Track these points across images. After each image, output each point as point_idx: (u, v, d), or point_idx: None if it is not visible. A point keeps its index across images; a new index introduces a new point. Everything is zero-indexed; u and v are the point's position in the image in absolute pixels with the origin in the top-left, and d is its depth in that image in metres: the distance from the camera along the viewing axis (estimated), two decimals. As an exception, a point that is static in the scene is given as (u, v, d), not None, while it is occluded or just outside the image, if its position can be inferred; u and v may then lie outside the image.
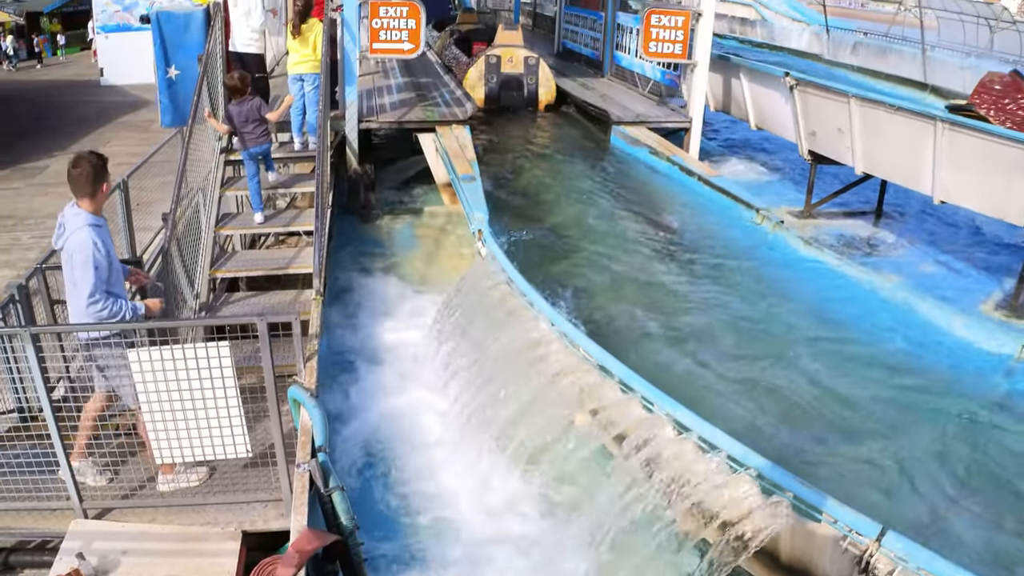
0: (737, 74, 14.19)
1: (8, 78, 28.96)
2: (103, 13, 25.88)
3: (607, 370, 5.45)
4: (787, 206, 12.91)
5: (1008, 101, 11.31)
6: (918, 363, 6.84)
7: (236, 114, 7.96)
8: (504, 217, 9.33)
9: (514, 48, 13.64)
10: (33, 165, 15.32)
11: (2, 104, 22.04)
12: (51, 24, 37.23)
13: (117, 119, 19.20)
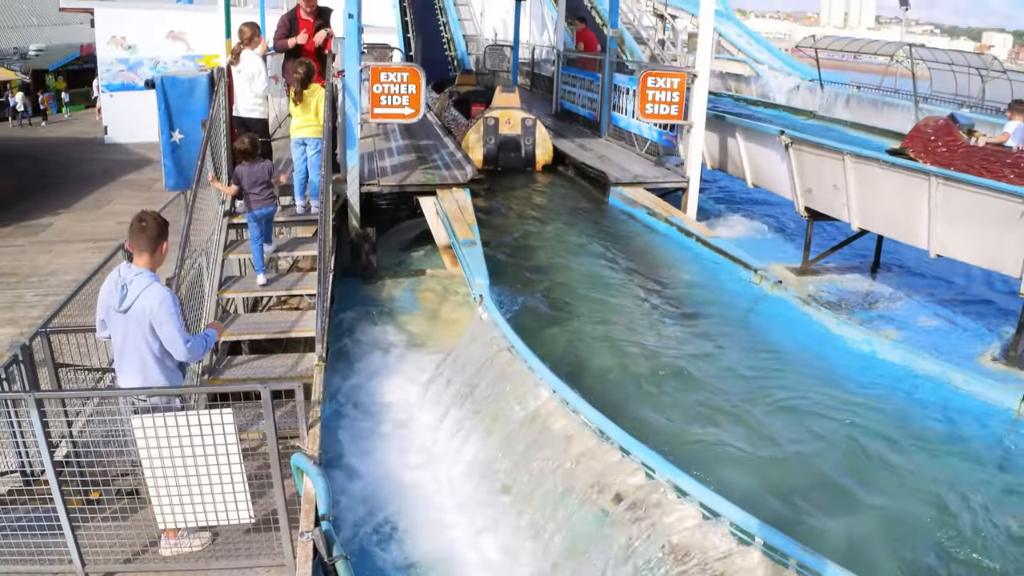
0: (733, 133, 14.38)
1: (14, 135, 29.36)
2: (108, 72, 26.35)
3: (607, 435, 5.49)
4: (785, 262, 13.02)
5: (940, 144, 11.61)
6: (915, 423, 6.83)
7: (246, 175, 8.09)
8: (505, 280, 9.37)
9: (511, 110, 13.83)
10: (37, 223, 15.47)
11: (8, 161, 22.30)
12: (56, 82, 37.82)
13: (120, 178, 19.43)
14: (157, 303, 5.04)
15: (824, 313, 8.64)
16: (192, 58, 26.51)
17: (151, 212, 5.38)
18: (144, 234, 5.14)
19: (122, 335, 5.12)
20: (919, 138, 11.98)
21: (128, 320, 5.06)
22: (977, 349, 9.88)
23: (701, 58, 12.05)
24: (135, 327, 5.06)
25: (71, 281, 10.46)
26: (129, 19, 26.51)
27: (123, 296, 5.05)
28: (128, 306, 5.04)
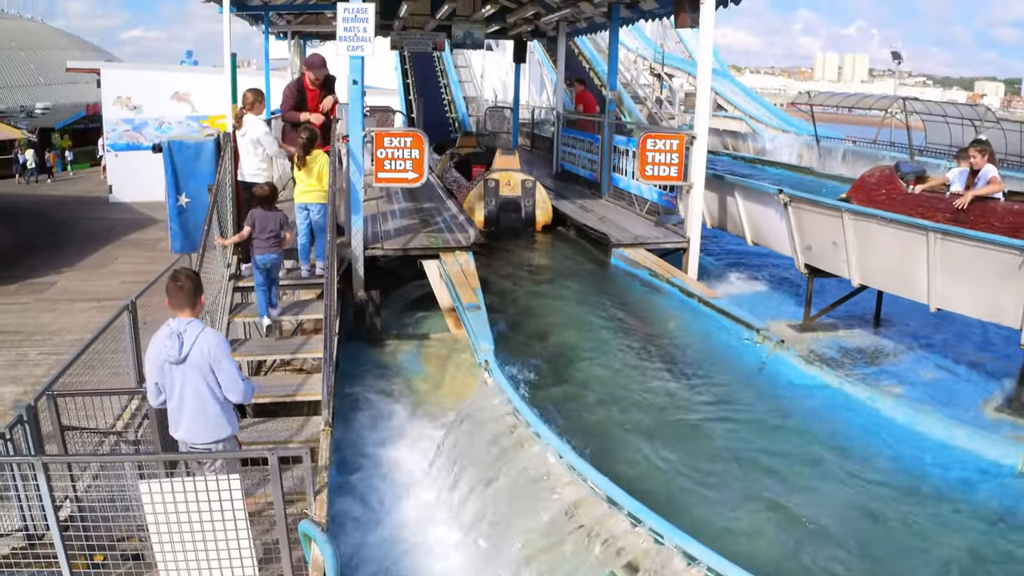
0: (732, 192, 14.53)
1: (21, 192, 29.68)
2: (113, 132, 26.70)
3: (615, 502, 5.50)
4: (787, 319, 13.06)
5: (881, 192, 12.18)
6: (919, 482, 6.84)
7: (259, 218, 8.37)
8: (510, 343, 9.44)
9: (511, 172, 14.10)
10: (42, 280, 15.56)
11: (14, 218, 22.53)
12: (62, 140, 38.30)
13: (125, 237, 19.58)
14: (214, 345, 5.46)
15: (827, 372, 8.68)
16: (196, 119, 26.90)
17: (184, 271, 5.84)
18: (182, 292, 5.56)
19: (180, 386, 5.44)
20: (863, 187, 12.75)
21: (187, 368, 5.40)
22: (979, 400, 9.88)
23: (699, 120, 12.23)
24: (194, 373, 5.41)
25: (75, 340, 10.53)
26: (135, 80, 26.98)
27: (180, 345, 5.39)
28: (187, 353, 5.38)
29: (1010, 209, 10.66)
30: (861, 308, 13.41)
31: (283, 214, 8.57)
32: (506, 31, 22.18)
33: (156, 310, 9.54)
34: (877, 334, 12.66)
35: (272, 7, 16.89)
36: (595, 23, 18.80)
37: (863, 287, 11.96)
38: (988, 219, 10.87)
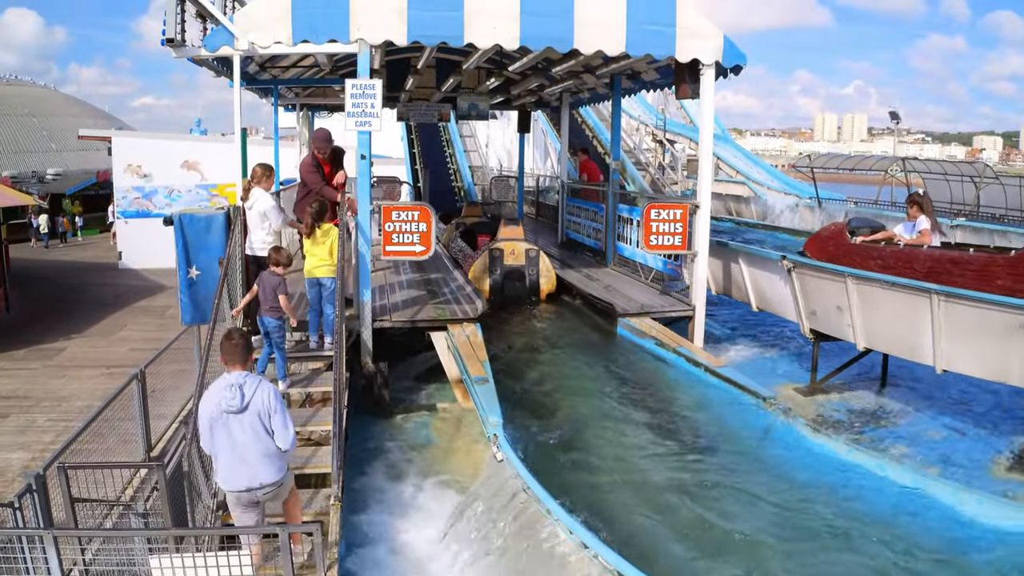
0: (736, 259, 14.65)
1: (33, 256, 29.92)
2: (124, 199, 27.00)
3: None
4: (793, 382, 13.09)
5: (830, 245, 12.62)
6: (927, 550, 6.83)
7: (267, 280, 8.61)
8: (519, 416, 9.51)
9: (515, 242, 14.34)
10: (51, 346, 15.62)
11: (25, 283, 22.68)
12: (72, 206, 38.72)
13: (134, 304, 19.68)
14: (272, 395, 5.97)
15: (834, 439, 8.71)
16: (206, 187, 27.23)
17: (237, 330, 6.46)
18: (236, 349, 5.99)
19: (239, 434, 5.86)
20: (817, 240, 13.63)
21: (248, 416, 5.86)
22: (988, 459, 9.92)
23: (702, 189, 12.41)
24: (255, 420, 5.87)
25: (84, 407, 10.59)
26: (145, 148, 27.39)
27: (242, 396, 5.84)
28: (248, 402, 5.85)
29: (931, 255, 11.47)
30: (868, 369, 13.44)
31: (280, 279, 8.72)
32: (510, 102, 22.58)
33: (165, 378, 9.68)
34: (884, 395, 12.68)
35: (281, 81, 17.28)
36: (597, 94, 19.18)
37: (868, 350, 12.00)
38: (912, 265, 11.58)
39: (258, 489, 5.96)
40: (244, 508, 6.07)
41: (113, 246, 28.67)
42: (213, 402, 5.90)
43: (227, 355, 6.00)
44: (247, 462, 5.89)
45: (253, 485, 5.92)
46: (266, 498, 6.09)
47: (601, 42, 11.29)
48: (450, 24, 10.77)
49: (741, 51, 12.11)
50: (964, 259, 11.08)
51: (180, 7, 10.05)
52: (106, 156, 30.11)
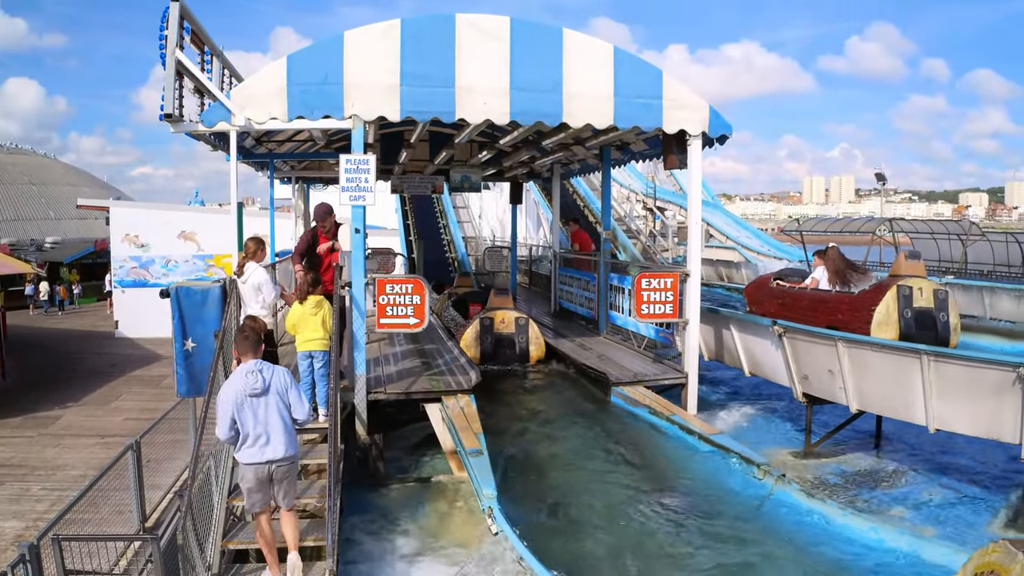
0: (728, 325, 14.76)
1: (31, 323, 29.86)
2: (121, 268, 27.13)
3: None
4: (788, 447, 13.12)
5: (760, 291, 14.16)
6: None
7: None
8: (514, 488, 9.55)
9: (505, 310, 14.74)
10: (47, 415, 15.55)
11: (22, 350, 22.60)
12: (70, 274, 38.83)
13: (130, 373, 19.62)
14: (286, 374, 7.13)
15: (829, 504, 8.73)
16: (202, 257, 27.38)
17: (250, 323, 7.64)
18: (248, 341, 7.09)
19: (264, 413, 6.88)
20: (750, 287, 15.60)
21: (269, 396, 6.91)
22: (985, 519, 9.92)
23: (692, 258, 12.56)
24: (276, 399, 6.94)
25: (79, 476, 10.54)
26: (143, 218, 27.61)
27: (264, 379, 6.90)
28: (268, 384, 6.90)
29: (809, 296, 13.79)
30: (862, 430, 13.48)
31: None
32: (502, 173, 22.94)
33: (160, 448, 9.69)
34: (879, 456, 12.71)
35: (277, 155, 17.57)
36: (588, 164, 19.50)
37: (861, 412, 12.05)
38: (798, 303, 13.94)
39: (275, 462, 6.89)
40: (259, 485, 6.92)
41: (110, 315, 28.71)
42: (236, 388, 6.85)
43: (241, 346, 7.09)
44: (269, 438, 6.88)
45: (274, 457, 6.88)
46: (280, 472, 6.94)
47: (590, 115, 11.57)
48: (442, 100, 11.04)
49: (727, 121, 12.40)
50: (826, 298, 13.75)
51: (178, 83, 10.32)
52: (104, 225, 30.37)
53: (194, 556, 6.76)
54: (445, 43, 11.01)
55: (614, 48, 11.68)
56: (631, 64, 11.74)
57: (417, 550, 8.81)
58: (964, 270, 27.36)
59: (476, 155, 20.01)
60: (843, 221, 29.64)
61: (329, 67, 10.73)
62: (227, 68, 12.38)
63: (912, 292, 12.73)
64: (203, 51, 11.09)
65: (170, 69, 10.08)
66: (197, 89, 10.81)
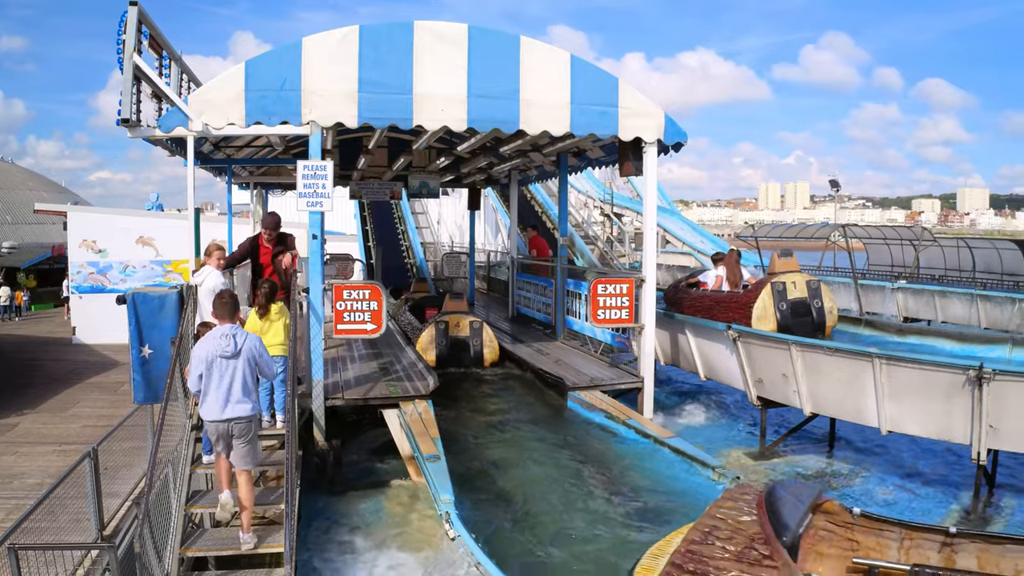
0: (683, 329, 14.95)
1: None
2: (78, 274, 26.72)
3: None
4: (744, 448, 13.29)
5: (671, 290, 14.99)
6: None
7: None
8: (471, 492, 9.59)
9: (460, 315, 15.03)
10: (3, 422, 15.21)
11: None
12: (27, 280, 38.13)
13: (87, 380, 19.29)
14: (258, 343, 7.66)
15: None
16: (160, 263, 27.05)
17: (227, 291, 8.30)
18: (227, 306, 7.63)
19: (232, 373, 7.38)
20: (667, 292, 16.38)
21: (239, 360, 7.41)
22: (938, 516, 10.11)
23: (647, 263, 12.71)
24: (244, 363, 7.43)
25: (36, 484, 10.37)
26: (100, 224, 27.18)
27: (235, 343, 7.39)
28: (239, 349, 7.39)
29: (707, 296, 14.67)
30: (816, 432, 13.70)
31: None
32: (460, 180, 23.02)
33: (118, 455, 9.57)
34: (833, 457, 12.91)
35: (235, 160, 17.46)
36: (545, 171, 19.64)
37: (815, 415, 12.25)
38: (702, 305, 14.77)
39: (234, 420, 7.40)
40: (219, 440, 7.47)
41: (67, 321, 28.25)
42: (210, 348, 7.36)
43: (219, 311, 7.62)
44: (230, 397, 7.37)
45: (231, 416, 7.38)
46: (237, 429, 7.44)
47: (547, 123, 11.68)
48: (400, 107, 11.09)
49: (682, 129, 12.57)
50: (720, 298, 14.72)
51: (136, 87, 10.23)
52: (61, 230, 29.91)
53: (152, 564, 6.71)
54: (403, 50, 11.06)
55: (571, 56, 11.81)
56: (588, 72, 11.87)
57: (375, 555, 8.82)
58: (916, 275, 27.87)
59: (434, 161, 20.05)
60: (797, 227, 30.00)
61: (287, 73, 10.73)
62: (186, 73, 12.31)
63: (786, 286, 13.96)
64: (161, 56, 11.01)
65: (127, 74, 10.00)
66: (155, 94, 10.75)
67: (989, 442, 9.70)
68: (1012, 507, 10.46)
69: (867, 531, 7.04)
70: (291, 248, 11.26)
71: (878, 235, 29.73)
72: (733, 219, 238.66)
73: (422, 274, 29.88)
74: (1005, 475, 11.37)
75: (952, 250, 28.67)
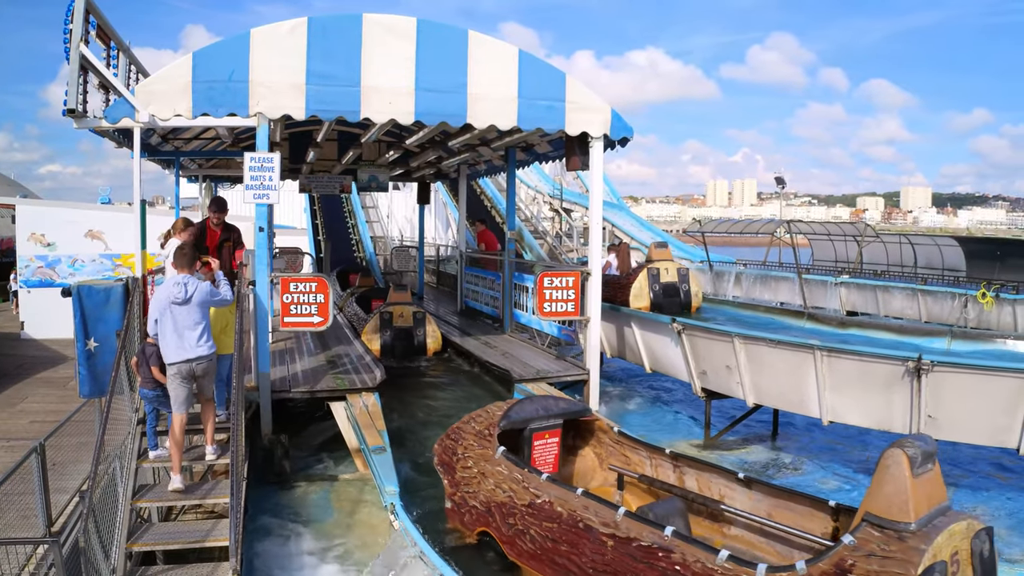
0: (629, 323, 15.18)
1: None
2: (26, 268, 26.27)
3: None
4: (689, 439, 13.57)
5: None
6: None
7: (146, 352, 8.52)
8: (417, 484, 9.67)
9: (403, 305, 15.12)
10: None
11: None
12: None
13: (35, 375, 18.93)
14: (208, 288, 8.28)
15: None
16: (109, 256, 26.67)
17: (188, 244, 8.99)
18: (186, 257, 8.24)
19: (184, 320, 8.03)
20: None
21: (191, 306, 8.04)
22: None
23: (593, 257, 12.86)
24: (195, 308, 8.08)
25: None
26: (49, 217, 26.68)
27: (186, 290, 8.01)
28: (190, 296, 8.02)
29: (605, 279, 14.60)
30: (760, 423, 14.01)
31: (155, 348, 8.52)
32: (410, 174, 23.00)
33: (66, 450, 9.47)
34: (776, 448, 13.23)
35: (183, 153, 17.31)
36: (494, 166, 19.72)
37: (758, 406, 12.52)
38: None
39: (194, 361, 8.05)
40: (182, 380, 8.06)
41: (15, 315, 27.72)
42: (163, 296, 8.01)
43: (177, 260, 8.24)
44: (186, 341, 8.03)
45: (191, 356, 8.02)
46: (200, 369, 8.13)
47: (493, 117, 11.75)
48: (347, 99, 11.08)
49: (628, 124, 12.70)
50: (610, 281, 15.92)
51: (82, 78, 10.10)
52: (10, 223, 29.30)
53: (98, 559, 6.69)
54: (352, 42, 11.05)
55: (519, 51, 11.89)
56: (535, 67, 11.96)
57: (322, 547, 8.87)
58: (860, 270, 28.49)
59: (384, 155, 20.03)
60: (743, 223, 30.55)
61: (235, 64, 10.66)
62: (134, 64, 12.18)
63: (659, 271, 16.02)
64: (109, 46, 10.88)
65: (74, 64, 9.86)
66: (102, 85, 10.62)
67: (928, 431, 9.93)
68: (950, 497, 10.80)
69: (624, 446, 9.01)
70: (238, 242, 11.23)
71: (822, 231, 30.35)
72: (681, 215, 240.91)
73: (373, 267, 29.88)
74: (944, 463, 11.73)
75: (895, 246, 29.36)
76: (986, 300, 21.28)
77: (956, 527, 5.44)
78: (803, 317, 17.42)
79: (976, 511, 10.31)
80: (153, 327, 8.16)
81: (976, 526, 5.61)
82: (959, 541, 5.43)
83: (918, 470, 5.49)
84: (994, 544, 5.75)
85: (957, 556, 5.41)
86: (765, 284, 28.10)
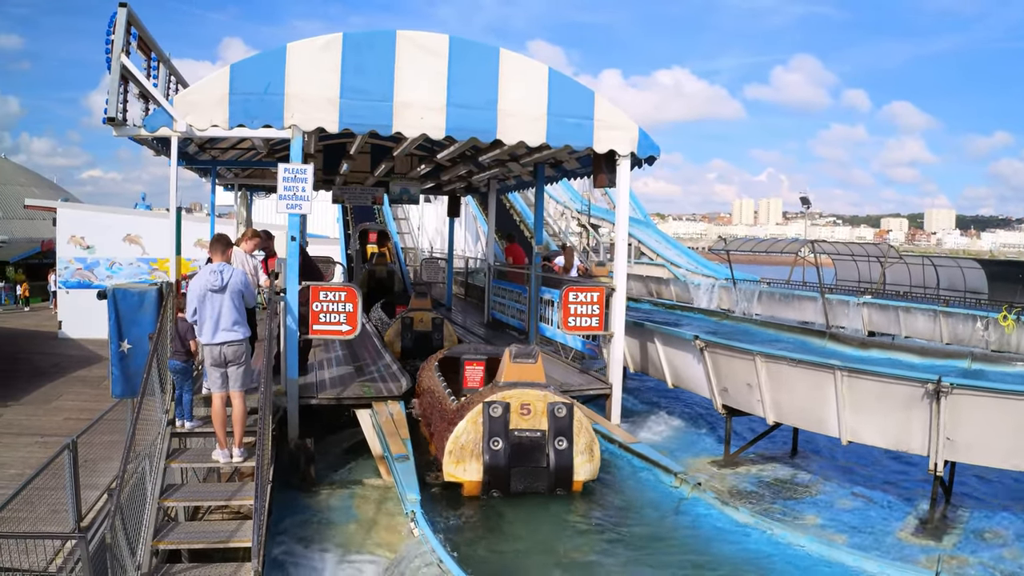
0: (652, 338, 15.23)
1: None
2: (66, 269, 26.80)
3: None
4: (708, 455, 13.59)
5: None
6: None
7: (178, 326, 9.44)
8: (438, 493, 9.89)
9: (423, 311, 16.20)
10: None
11: None
12: (16, 274, 37.99)
13: (71, 374, 19.31)
14: (242, 277, 8.92)
15: (742, 511, 9.02)
16: (147, 260, 27.12)
17: (223, 234, 9.57)
18: (219, 245, 9.04)
19: (220, 305, 8.67)
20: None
21: (226, 293, 8.68)
22: (895, 525, 10.39)
23: (618, 273, 12.95)
24: (230, 295, 8.70)
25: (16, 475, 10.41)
26: (89, 220, 27.28)
27: (222, 278, 8.67)
28: (226, 283, 8.68)
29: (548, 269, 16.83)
30: (779, 440, 13.99)
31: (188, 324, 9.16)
32: (441, 187, 23.26)
33: (97, 448, 9.70)
34: (795, 466, 13.18)
35: (220, 162, 17.62)
36: (523, 181, 19.91)
37: (778, 424, 12.53)
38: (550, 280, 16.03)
39: (226, 344, 8.68)
40: (213, 364, 8.74)
41: (54, 315, 28.24)
42: (201, 283, 8.66)
43: (212, 249, 8.98)
44: (222, 325, 8.66)
45: (225, 340, 8.67)
46: (230, 352, 8.74)
47: (523, 133, 11.93)
48: (380, 114, 11.31)
49: (655, 143, 12.83)
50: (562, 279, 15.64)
51: (123, 87, 10.39)
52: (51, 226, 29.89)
53: (124, 556, 6.80)
54: (385, 58, 11.28)
55: (549, 69, 12.06)
56: (564, 85, 12.13)
57: (343, 552, 8.97)
58: (882, 290, 28.38)
59: (415, 168, 20.30)
60: (768, 242, 30.53)
61: (271, 77, 10.93)
62: (174, 75, 12.47)
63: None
64: (150, 57, 11.15)
65: (115, 73, 10.14)
66: (142, 94, 10.89)
67: (946, 454, 9.98)
68: (966, 518, 10.79)
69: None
70: (270, 251, 11.49)
71: (846, 251, 30.26)
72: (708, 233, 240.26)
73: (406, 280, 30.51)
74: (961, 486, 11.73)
75: (917, 268, 29.25)
76: (1007, 323, 21.16)
77: (531, 392, 9.94)
78: (825, 337, 17.43)
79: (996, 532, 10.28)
80: (192, 314, 8.76)
81: (552, 398, 9.98)
82: (533, 400, 9.87)
83: (515, 360, 10.24)
84: (572, 412, 9.93)
85: (529, 406, 9.80)
86: (789, 304, 28.05)
